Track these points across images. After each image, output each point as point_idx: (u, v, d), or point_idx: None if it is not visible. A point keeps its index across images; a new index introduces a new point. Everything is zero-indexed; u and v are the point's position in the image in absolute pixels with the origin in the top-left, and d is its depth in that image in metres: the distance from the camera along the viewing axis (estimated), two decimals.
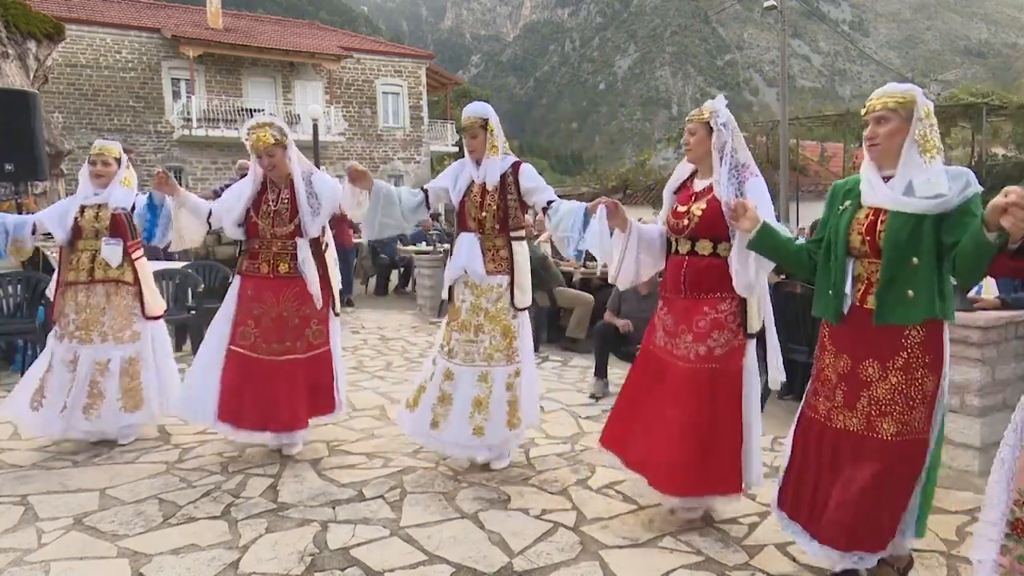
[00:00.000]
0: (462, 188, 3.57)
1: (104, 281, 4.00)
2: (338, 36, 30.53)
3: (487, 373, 3.48)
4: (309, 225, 3.72)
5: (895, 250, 2.23)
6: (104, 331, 3.96)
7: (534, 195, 3.49)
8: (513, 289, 3.52)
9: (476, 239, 3.52)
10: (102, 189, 4.05)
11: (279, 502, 3.19)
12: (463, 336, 3.53)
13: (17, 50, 8.14)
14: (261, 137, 3.66)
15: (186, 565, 2.63)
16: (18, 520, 3.02)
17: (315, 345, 3.80)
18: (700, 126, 2.90)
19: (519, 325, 3.56)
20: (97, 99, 23.07)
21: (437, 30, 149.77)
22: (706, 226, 2.84)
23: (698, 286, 2.87)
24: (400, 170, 28.61)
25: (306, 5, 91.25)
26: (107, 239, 3.99)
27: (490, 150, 3.49)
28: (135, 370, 4.00)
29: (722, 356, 2.82)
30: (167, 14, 26.34)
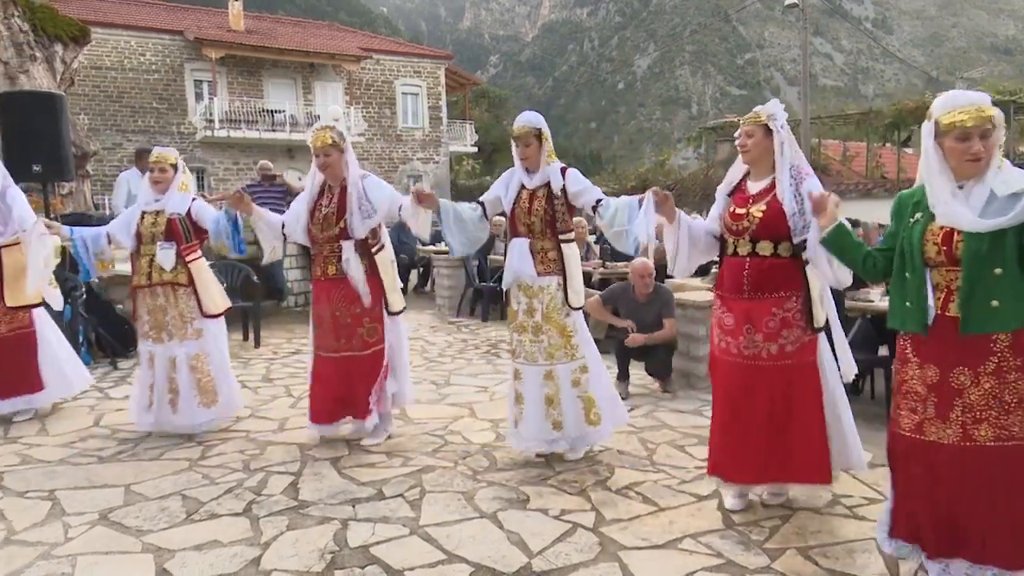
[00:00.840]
0: (512, 195, 3.69)
1: (161, 284, 4.19)
2: (357, 37, 30.71)
3: (551, 371, 3.62)
4: (356, 227, 3.84)
5: (975, 262, 2.20)
6: (170, 330, 4.19)
7: (582, 197, 3.58)
8: (566, 289, 3.62)
9: (526, 243, 3.63)
10: (161, 195, 4.25)
11: (300, 500, 3.22)
12: (523, 337, 3.68)
13: (44, 53, 8.29)
14: (321, 137, 3.85)
15: (209, 561, 2.66)
16: (46, 515, 3.08)
17: (370, 343, 3.92)
18: (757, 128, 2.95)
19: (574, 323, 3.65)
20: (122, 101, 23.40)
21: (456, 30, 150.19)
22: (767, 227, 2.90)
23: (762, 286, 2.92)
24: (419, 170, 28.72)
25: (326, 6, 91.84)
26: (162, 243, 4.17)
27: (547, 157, 3.61)
28: (202, 366, 4.21)
29: (794, 352, 2.91)
30: (190, 17, 26.65)
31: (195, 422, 4.17)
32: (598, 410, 3.65)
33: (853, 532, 2.85)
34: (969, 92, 2.31)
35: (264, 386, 5.35)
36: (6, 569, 2.60)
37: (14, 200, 4.35)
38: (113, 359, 6.10)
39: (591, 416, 3.63)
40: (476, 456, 3.79)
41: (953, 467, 2.29)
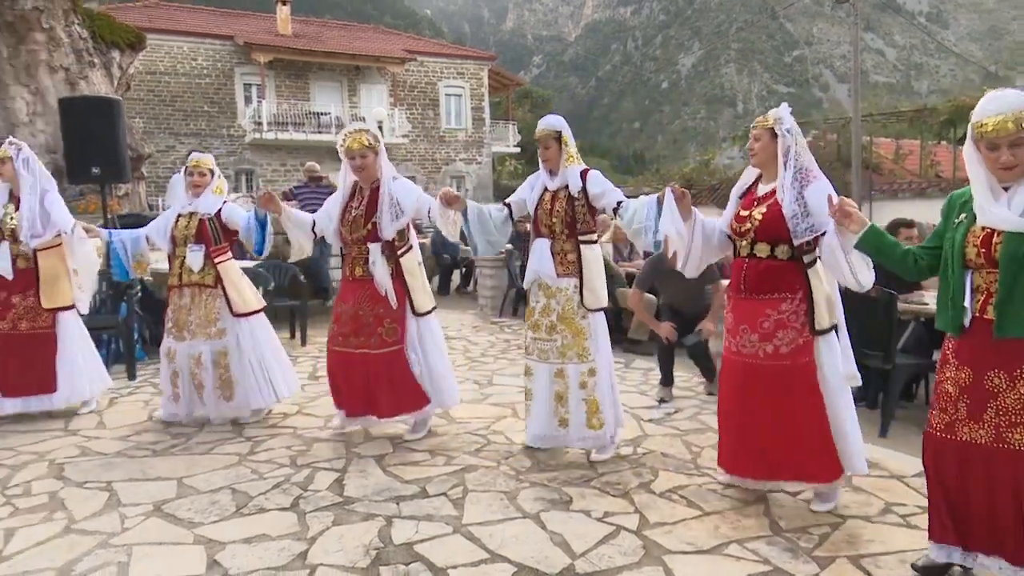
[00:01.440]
0: (536, 196, 3.77)
1: (189, 285, 4.36)
2: (402, 39, 31.03)
3: (562, 370, 3.69)
4: (385, 228, 3.90)
5: (1013, 264, 2.18)
6: (193, 329, 4.35)
7: (603, 199, 3.63)
8: (582, 291, 3.66)
9: (547, 244, 3.70)
10: (196, 199, 4.40)
11: (345, 496, 3.27)
12: (537, 335, 3.75)
13: (102, 59, 8.58)
14: (357, 139, 3.90)
15: (257, 554, 2.71)
16: (103, 505, 3.18)
17: (388, 343, 3.95)
18: (764, 132, 3.01)
19: (590, 325, 3.68)
20: (175, 105, 24.07)
21: (499, 31, 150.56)
22: (765, 230, 2.97)
23: (757, 288, 3.01)
24: (462, 171, 28.88)
25: (371, 10, 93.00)
26: (191, 246, 4.34)
27: (567, 160, 3.67)
28: (226, 363, 4.34)
29: (789, 353, 2.95)
30: (240, 22, 27.28)
31: (215, 414, 4.40)
32: (601, 415, 3.67)
33: (906, 542, 2.77)
34: (1008, 94, 2.23)
35: (310, 384, 5.44)
36: (67, 556, 2.70)
37: (52, 205, 4.45)
38: None
39: (593, 420, 3.67)
40: (519, 456, 3.79)
41: (988, 467, 2.27)
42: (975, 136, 2.26)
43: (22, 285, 4.44)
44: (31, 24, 7.53)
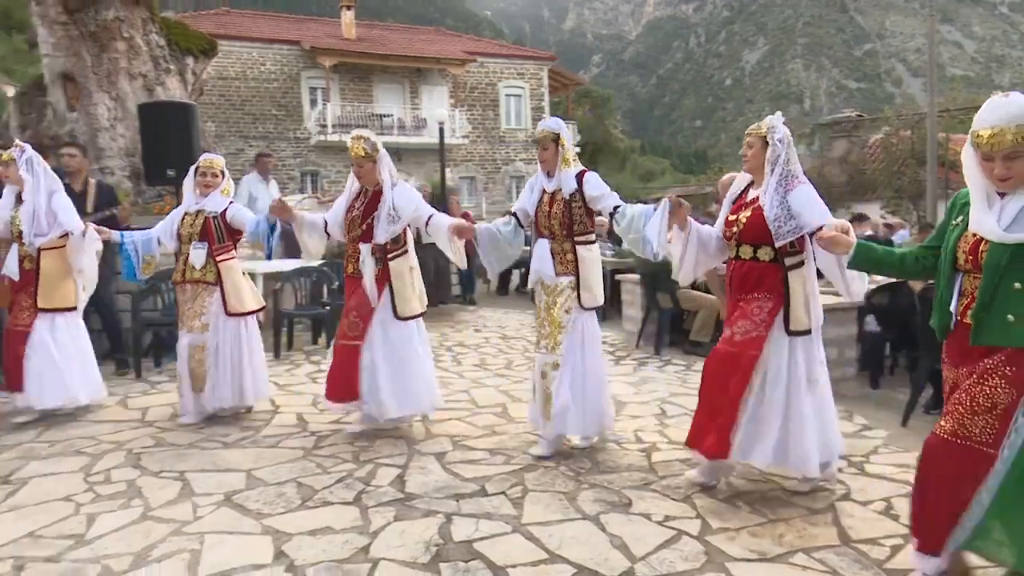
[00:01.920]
0: (536, 198, 3.88)
1: (191, 281, 4.48)
2: (463, 41, 31.29)
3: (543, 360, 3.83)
4: (379, 232, 4.03)
5: (993, 273, 2.18)
6: (188, 323, 4.48)
7: (600, 202, 3.73)
8: (579, 290, 3.75)
9: (548, 244, 3.81)
10: (203, 198, 4.52)
11: (406, 492, 3.32)
12: (542, 332, 3.88)
13: (178, 66, 8.91)
14: (354, 148, 4.05)
15: (322, 546, 2.78)
16: (177, 494, 3.31)
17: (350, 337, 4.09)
18: (758, 140, 3.18)
19: (572, 322, 3.74)
20: (244, 109, 24.85)
21: (559, 31, 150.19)
22: (749, 233, 3.14)
23: (740, 287, 3.20)
24: (521, 171, 28.93)
25: (432, 12, 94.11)
26: (195, 243, 4.45)
27: (562, 163, 3.76)
28: (200, 357, 4.43)
29: (740, 343, 3.15)
30: (306, 27, 27.99)
31: (214, 405, 4.45)
32: (552, 409, 3.71)
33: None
34: (1011, 104, 2.14)
35: None
36: (144, 542, 2.82)
37: (59, 206, 4.49)
38: None
39: (547, 411, 3.75)
40: (578, 457, 3.77)
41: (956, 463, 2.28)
42: (972, 143, 2.23)
43: (25, 284, 4.51)
44: (113, 34, 7.89)
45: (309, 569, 2.60)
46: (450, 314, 9.09)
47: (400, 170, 16.32)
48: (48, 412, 4.54)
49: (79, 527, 2.96)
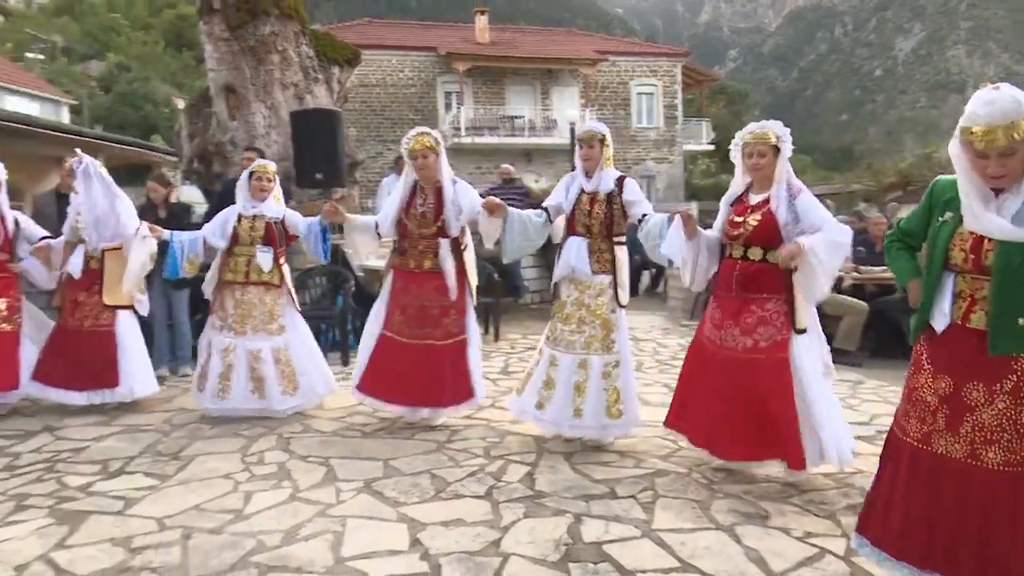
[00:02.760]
0: (572, 197, 4.01)
1: (256, 283, 4.61)
2: (594, 40, 31.19)
3: (586, 361, 3.90)
4: (452, 226, 4.20)
5: (1008, 276, 1.98)
6: (256, 325, 4.59)
7: (633, 207, 3.92)
8: (616, 288, 3.91)
9: (584, 242, 3.94)
10: (259, 202, 4.68)
11: (536, 490, 3.35)
12: (566, 327, 3.97)
13: (325, 75, 9.45)
14: (420, 140, 4.19)
15: (454, 537, 2.86)
16: (322, 478, 3.52)
17: (453, 333, 4.24)
18: (770, 149, 3.30)
19: (617, 320, 3.93)
20: (383, 114, 26.05)
21: (693, 26, 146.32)
22: (759, 235, 3.27)
23: (748, 287, 3.31)
24: (652, 170, 28.46)
25: (563, 13, 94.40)
26: (260, 247, 4.61)
27: (604, 162, 3.96)
28: (286, 358, 4.62)
29: (767, 348, 3.26)
30: (442, 33, 28.93)
31: (283, 407, 4.57)
32: (621, 405, 3.86)
33: None
34: (1002, 99, 1.95)
35: (502, 379, 5.64)
36: (292, 521, 3.02)
37: (120, 208, 4.74)
38: None
39: (613, 410, 3.85)
40: (711, 465, 3.66)
41: (958, 484, 2.16)
42: (962, 140, 2.03)
43: (87, 284, 4.76)
44: (269, 47, 8.50)
45: (442, 558, 2.68)
46: (524, 316, 9.07)
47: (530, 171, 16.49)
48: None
49: (237, 503, 3.22)
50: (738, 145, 3.41)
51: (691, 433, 3.54)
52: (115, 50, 49.57)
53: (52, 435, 4.30)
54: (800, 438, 3.17)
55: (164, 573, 2.60)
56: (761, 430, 3.23)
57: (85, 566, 2.66)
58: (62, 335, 4.83)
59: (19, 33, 48.57)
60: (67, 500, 3.27)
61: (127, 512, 3.14)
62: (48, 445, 4.11)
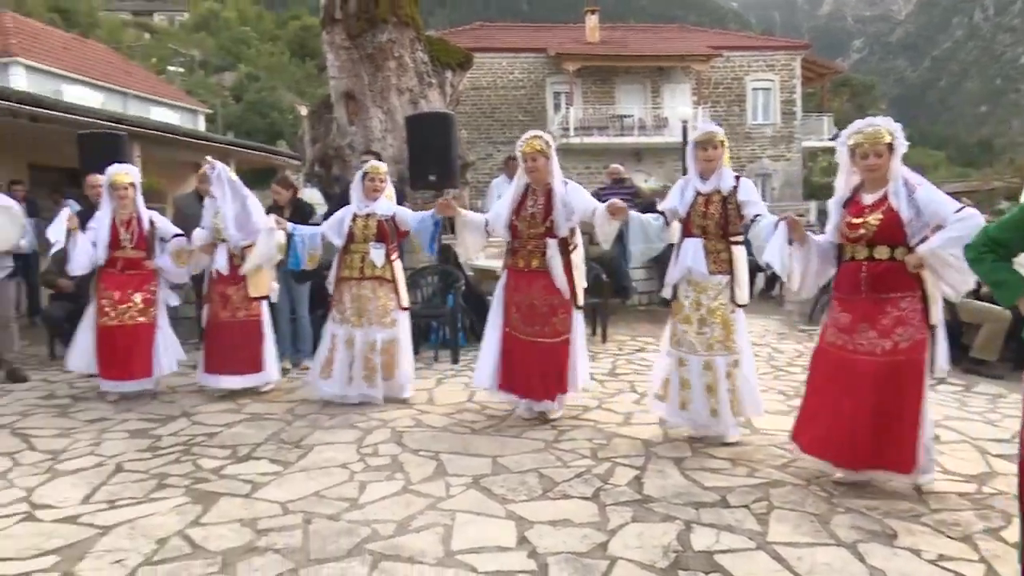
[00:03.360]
0: (688, 200, 4.02)
1: (371, 278, 4.84)
2: (707, 36, 30.39)
3: (710, 362, 3.95)
4: (560, 226, 4.29)
5: None
6: (370, 318, 4.83)
7: (746, 207, 3.91)
8: (733, 287, 3.94)
9: (700, 243, 3.96)
10: (372, 202, 4.89)
11: (644, 494, 3.30)
12: (688, 328, 4.01)
13: (438, 79, 9.70)
14: (532, 144, 4.32)
15: (561, 537, 2.86)
16: (432, 472, 3.61)
17: (560, 332, 4.34)
18: (885, 148, 3.20)
19: (736, 320, 3.97)
20: (493, 116, 26.42)
21: (813, 17, 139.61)
22: (883, 234, 3.19)
23: (878, 287, 3.22)
24: (767, 168, 27.41)
25: (675, 9, 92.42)
26: (373, 244, 4.83)
27: (724, 163, 3.99)
28: (393, 349, 4.87)
29: (907, 349, 3.18)
30: (551, 34, 29.01)
31: (381, 394, 4.85)
32: (740, 404, 3.94)
33: None
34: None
35: (609, 380, 5.59)
36: (404, 512, 3.11)
37: (252, 208, 5.09)
38: None
39: (736, 408, 3.95)
40: (830, 477, 3.48)
41: None
42: None
43: (234, 279, 5.15)
44: (386, 54, 8.82)
45: (550, 558, 2.69)
46: (628, 319, 8.85)
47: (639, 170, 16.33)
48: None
49: (353, 492, 3.36)
50: (845, 145, 3.31)
51: (814, 444, 3.40)
52: (246, 61, 52.96)
53: (189, 420, 4.64)
54: (918, 443, 3.16)
55: (286, 554, 2.75)
56: (886, 433, 3.16)
57: (217, 543, 2.85)
58: (217, 328, 5.24)
59: (163, 49, 52.77)
60: (201, 481, 3.53)
61: (254, 495, 3.34)
62: (185, 429, 4.44)
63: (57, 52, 23.51)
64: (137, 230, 5.22)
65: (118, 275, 5.20)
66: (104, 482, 3.54)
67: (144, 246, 5.25)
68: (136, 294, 5.21)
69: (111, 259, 5.18)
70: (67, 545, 2.85)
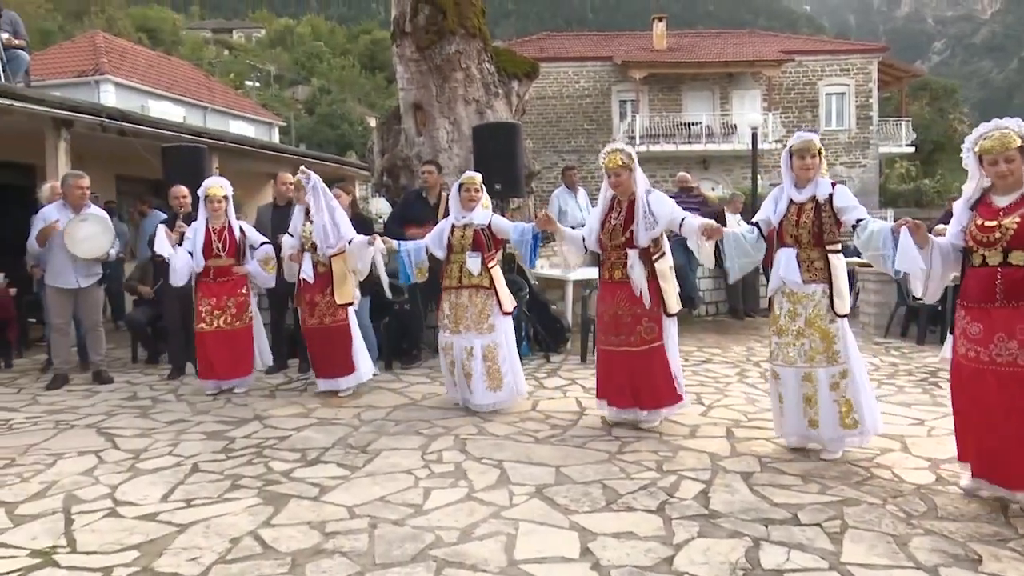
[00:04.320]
0: (782, 210, 3.98)
1: (468, 286, 4.93)
2: (779, 40, 29.70)
3: (810, 373, 3.86)
4: (640, 237, 4.32)
5: None
6: (468, 324, 4.91)
7: (846, 213, 3.82)
8: (832, 297, 3.83)
9: (793, 253, 3.91)
10: (469, 212, 4.98)
11: (711, 509, 3.22)
12: (782, 340, 3.95)
13: (504, 89, 9.77)
14: (612, 159, 4.36)
15: (625, 550, 2.82)
16: (495, 480, 3.62)
17: (647, 340, 4.36)
18: (1017, 152, 3.06)
19: (838, 329, 3.84)
20: (559, 125, 26.44)
21: (891, 19, 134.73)
22: (1021, 238, 3.01)
23: (1017, 295, 3.03)
24: (842, 175, 26.50)
25: (745, 14, 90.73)
26: (469, 253, 4.92)
27: (820, 173, 3.94)
28: (493, 355, 4.88)
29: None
30: (618, 42, 28.89)
31: (484, 402, 4.87)
32: (856, 415, 3.81)
33: None
34: None
35: None
36: (468, 520, 3.13)
37: (340, 219, 5.31)
38: (546, 353, 6.90)
39: (847, 420, 3.82)
40: (909, 497, 3.33)
41: None
42: None
43: (321, 286, 5.34)
44: (454, 65, 8.95)
45: (614, 571, 2.65)
46: (757, 328, 8.65)
47: (706, 178, 16.15)
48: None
49: (417, 498, 3.39)
50: (971, 150, 3.20)
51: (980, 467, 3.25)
52: (318, 75, 54.63)
53: (261, 423, 4.79)
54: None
55: (353, 558, 2.80)
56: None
57: (286, 544, 2.93)
58: (309, 334, 5.51)
59: (241, 64, 54.94)
60: (272, 483, 3.63)
61: (322, 498, 3.42)
62: (257, 432, 4.58)
63: (144, 69, 24.79)
64: (228, 239, 5.58)
65: (212, 284, 5.57)
66: (181, 481, 3.69)
67: (234, 253, 5.61)
68: (230, 299, 5.58)
69: (204, 268, 5.54)
70: (147, 541, 2.98)
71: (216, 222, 5.59)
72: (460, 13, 8.94)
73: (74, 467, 3.93)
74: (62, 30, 40.58)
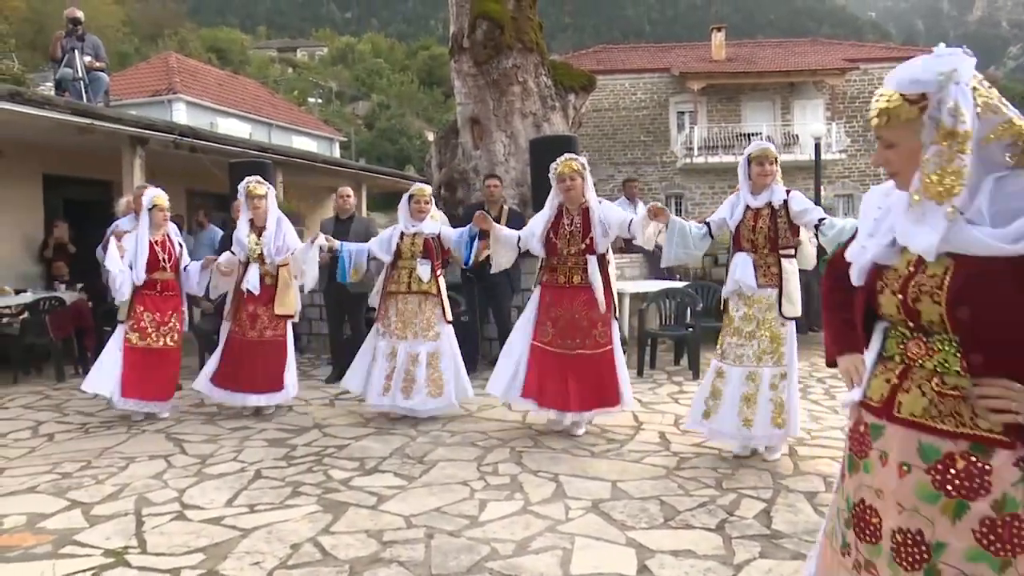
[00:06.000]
0: (738, 215, 4.12)
1: (417, 292, 5.05)
2: (843, 48, 28.97)
3: (754, 373, 4.02)
4: (599, 243, 4.50)
5: None
6: (416, 330, 5.02)
7: (806, 216, 3.98)
8: (781, 300, 4.01)
9: (749, 257, 4.06)
10: (418, 222, 5.14)
11: (772, 529, 3.13)
12: (735, 340, 4.09)
13: (561, 103, 9.80)
14: (569, 164, 4.54)
15: (683, 569, 2.77)
16: (551, 494, 3.60)
17: (601, 343, 4.52)
18: None
19: (787, 332, 4.04)
20: (615, 137, 26.31)
21: (962, 24, 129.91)
22: None
23: None
24: None
25: (807, 22, 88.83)
26: (420, 260, 5.06)
27: (775, 180, 4.08)
28: (436, 363, 5.00)
29: None
30: (676, 54, 28.62)
31: (424, 408, 4.96)
32: (785, 415, 3.97)
33: None
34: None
35: None
36: (523, 533, 3.12)
37: (289, 230, 5.43)
38: None
39: (778, 420, 3.96)
40: None
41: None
42: None
43: (266, 299, 5.31)
44: (511, 79, 9.03)
45: None
46: (820, 343, 8.39)
47: None
48: None
49: (473, 510, 3.40)
50: None
51: None
52: (378, 91, 55.82)
53: (321, 432, 4.88)
54: None
55: (410, 567, 2.82)
56: None
57: (345, 552, 2.97)
58: (240, 345, 5.30)
59: (304, 82, 56.56)
60: (331, 491, 3.69)
61: (379, 507, 3.46)
62: (317, 440, 4.67)
63: (213, 88, 25.79)
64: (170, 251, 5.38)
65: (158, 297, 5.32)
66: (245, 487, 3.79)
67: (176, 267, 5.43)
68: (174, 315, 5.40)
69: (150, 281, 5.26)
70: (212, 544, 3.07)
71: (158, 233, 5.31)
72: (517, 28, 9.02)
73: (145, 470, 4.09)
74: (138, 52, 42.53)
